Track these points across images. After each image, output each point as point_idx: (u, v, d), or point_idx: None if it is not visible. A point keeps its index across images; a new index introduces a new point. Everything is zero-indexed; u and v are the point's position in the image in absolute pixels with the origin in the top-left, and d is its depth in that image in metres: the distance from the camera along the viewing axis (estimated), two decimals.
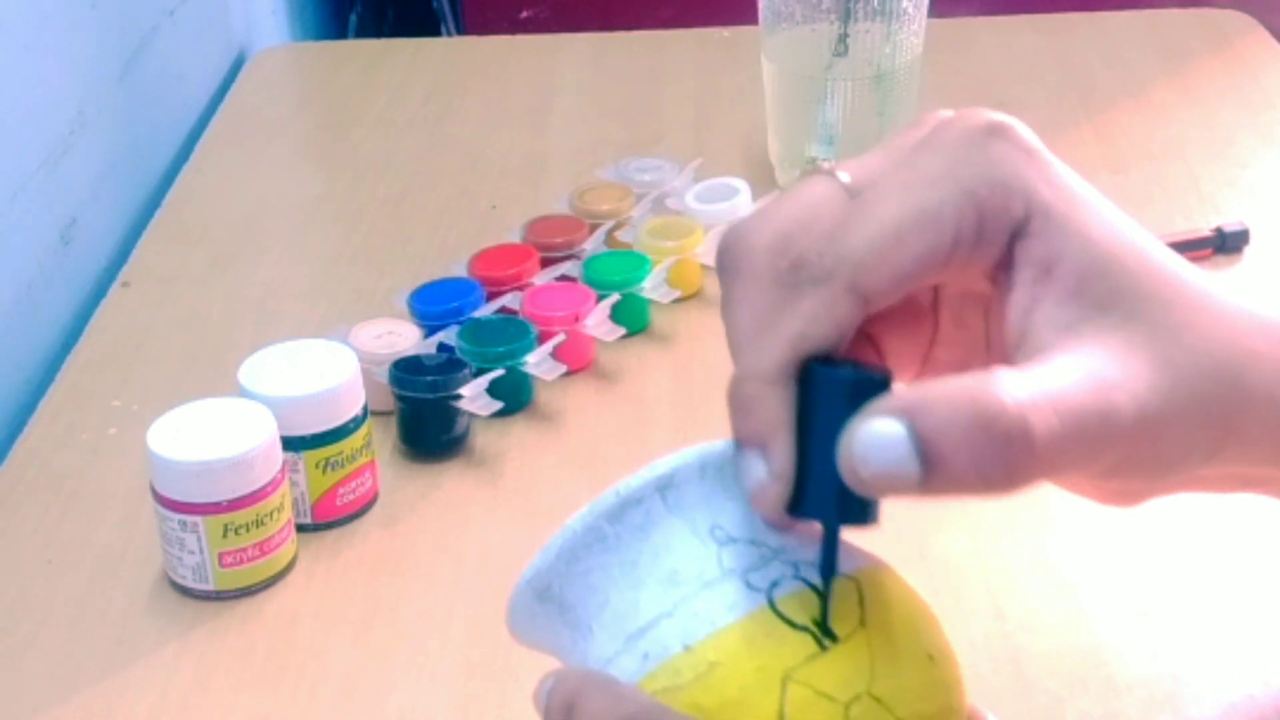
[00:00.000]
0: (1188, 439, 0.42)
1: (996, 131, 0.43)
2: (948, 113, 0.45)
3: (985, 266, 0.43)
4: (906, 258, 0.42)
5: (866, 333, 0.46)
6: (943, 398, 0.39)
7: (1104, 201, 0.44)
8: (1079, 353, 0.41)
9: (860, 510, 0.42)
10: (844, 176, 0.44)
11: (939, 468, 0.39)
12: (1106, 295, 0.42)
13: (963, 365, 0.47)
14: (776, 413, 0.42)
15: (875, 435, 0.39)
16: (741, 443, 0.43)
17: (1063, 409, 0.39)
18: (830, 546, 0.42)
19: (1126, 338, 0.41)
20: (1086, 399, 0.40)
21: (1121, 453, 0.41)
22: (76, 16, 0.98)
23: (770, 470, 0.42)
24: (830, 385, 0.42)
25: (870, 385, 0.41)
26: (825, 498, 0.42)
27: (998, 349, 0.44)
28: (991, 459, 0.39)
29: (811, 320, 0.42)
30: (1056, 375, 0.40)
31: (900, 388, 0.41)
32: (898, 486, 0.39)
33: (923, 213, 0.42)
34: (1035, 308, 0.42)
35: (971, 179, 0.42)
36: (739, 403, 0.43)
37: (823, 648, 0.41)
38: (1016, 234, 0.42)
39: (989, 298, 0.45)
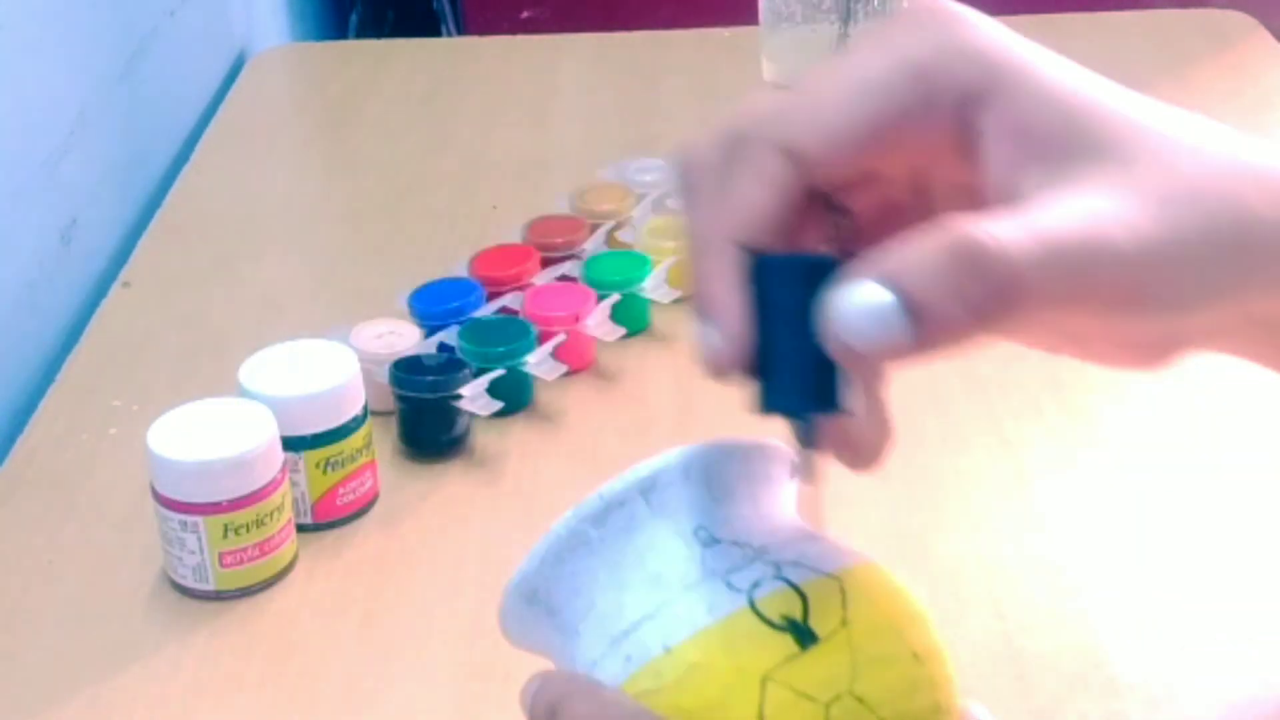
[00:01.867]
0: (1203, 272, 0.41)
1: (943, 11, 0.43)
2: None
3: (947, 138, 0.42)
4: (840, 120, 0.41)
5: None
6: (917, 250, 0.38)
7: (1067, 61, 0.43)
8: (1069, 195, 0.40)
9: (828, 396, 0.41)
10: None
11: (930, 319, 0.38)
12: (1094, 143, 0.41)
13: None
14: (722, 276, 0.41)
15: (861, 304, 0.38)
16: (697, 315, 0.42)
17: (1046, 238, 0.38)
18: (808, 437, 0.42)
19: (1122, 177, 0.40)
20: (1074, 228, 0.39)
21: (1128, 284, 0.40)
22: (77, 17, 0.98)
23: (721, 333, 0.41)
24: (779, 271, 0.41)
25: (820, 267, 0.40)
26: (793, 388, 0.41)
27: (985, 205, 0.43)
28: (980, 295, 0.38)
29: (745, 182, 0.42)
30: (1040, 211, 0.39)
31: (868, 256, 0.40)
32: (893, 350, 0.38)
33: (860, 81, 0.41)
34: (1018, 170, 0.41)
35: (915, 50, 0.42)
36: (691, 279, 0.42)
37: (802, 648, 0.41)
38: (978, 102, 0.41)
39: (979, 187, 0.43)
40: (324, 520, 0.73)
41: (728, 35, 1.24)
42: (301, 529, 0.72)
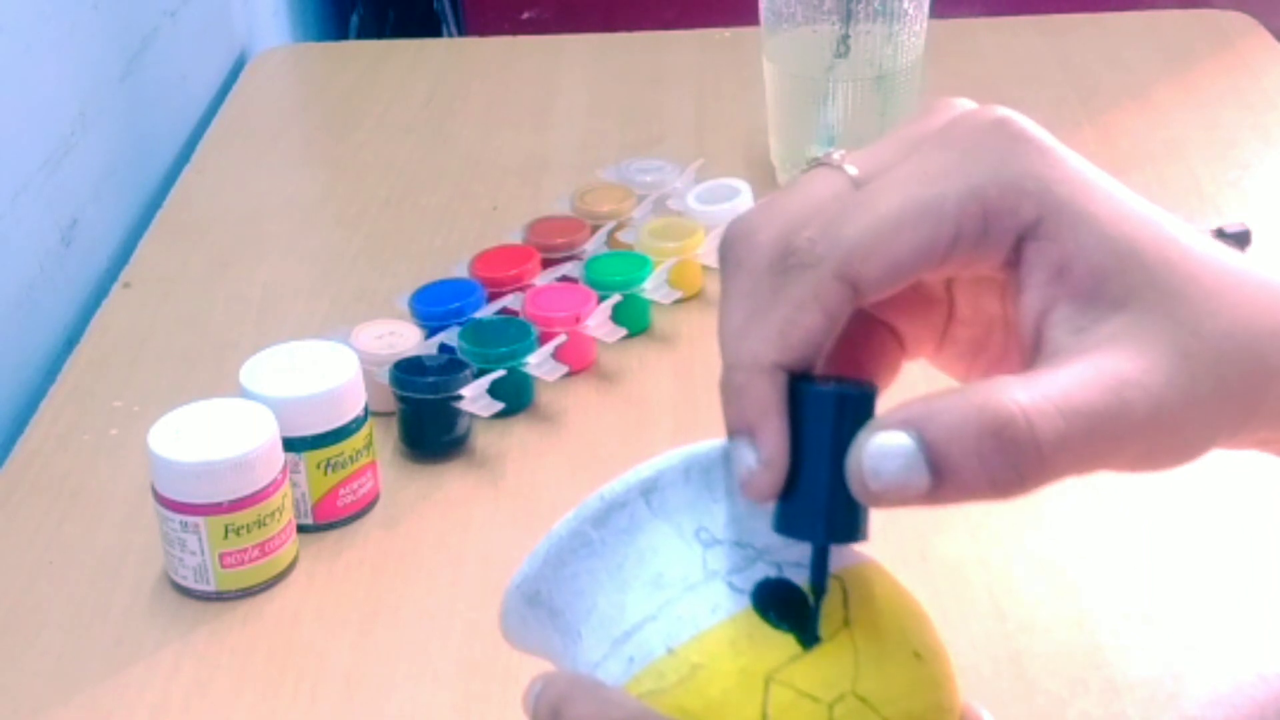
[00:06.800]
0: (1212, 424, 0.42)
1: (1009, 128, 0.43)
2: (965, 102, 0.45)
3: (993, 264, 0.43)
4: (901, 249, 0.42)
5: (879, 318, 0.46)
6: (948, 407, 0.39)
7: (1118, 190, 0.43)
8: (1093, 353, 0.41)
9: (849, 527, 0.42)
10: (851, 170, 0.44)
11: (949, 476, 0.39)
12: (1122, 293, 0.42)
13: (981, 342, 0.47)
14: (765, 399, 0.42)
15: (884, 447, 0.39)
16: (731, 433, 0.43)
17: (1069, 410, 0.39)
18: (820, 564, 0.42)
19: (1142, 334, 0.41)
20: (1096, 398, 0.40)
21: (1142, 445, 0.41)
22: (78, 17, 0.98)
23: (760, 457, 0.42)
24: (815, 401, 0.41)
25: (856, 400, 0.41)
26: (814, 515, 0.42)
27: (1015, 327, 0.44)
28: (1000, 464, 0.39)
29: (799, 307, 0.42)
30: (1065, 378, 0.40)
31: (905, 401, 0.41)
32: (907, 497, 0.40)
33: (924, 207, 0.42)
34: (1050, 310, 0.42)
35: (980, 177, 0.42)
36: (728, 393, 0.42)
37: (805, 648, 0.41)
38: (1027, 235, 0.42)
39: (1004, 281, 0.44)
40: (324, 521, 0.73)
41: (728, 35, 1.24)
42: (302, 530, 0.72)
